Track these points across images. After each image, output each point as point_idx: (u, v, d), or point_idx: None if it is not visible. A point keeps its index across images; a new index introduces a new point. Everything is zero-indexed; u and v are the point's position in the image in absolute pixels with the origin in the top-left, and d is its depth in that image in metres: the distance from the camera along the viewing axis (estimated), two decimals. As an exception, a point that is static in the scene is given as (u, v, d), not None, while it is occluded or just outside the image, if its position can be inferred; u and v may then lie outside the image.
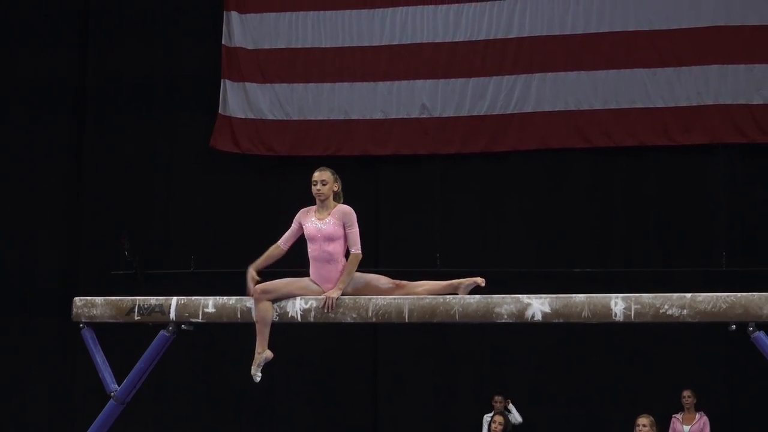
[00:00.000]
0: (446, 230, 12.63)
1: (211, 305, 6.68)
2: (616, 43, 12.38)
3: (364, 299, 6.50)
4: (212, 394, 12.91)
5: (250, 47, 13.04)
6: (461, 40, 12.70)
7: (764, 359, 6.16)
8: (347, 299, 6.50)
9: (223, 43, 13.04)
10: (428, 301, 6.44)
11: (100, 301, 6.91)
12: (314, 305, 6.52)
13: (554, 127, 12.42)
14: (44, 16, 13.52)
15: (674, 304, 6.11)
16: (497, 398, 11.49)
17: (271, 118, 12.96)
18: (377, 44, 12.86)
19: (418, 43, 12.79)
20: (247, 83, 12.99)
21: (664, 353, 11.97)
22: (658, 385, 11.78)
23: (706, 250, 12.14)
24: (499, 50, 12.59)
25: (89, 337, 6.95)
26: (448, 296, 6.48)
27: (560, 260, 12.30)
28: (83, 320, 6.93)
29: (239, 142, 12.94)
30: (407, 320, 6.43)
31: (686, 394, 11.06)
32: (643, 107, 12.27)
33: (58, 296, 12.76)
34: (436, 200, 12.76)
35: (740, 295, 6.09)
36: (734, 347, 11.34)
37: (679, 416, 11.06)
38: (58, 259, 13.35)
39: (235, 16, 13.07)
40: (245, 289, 6.60)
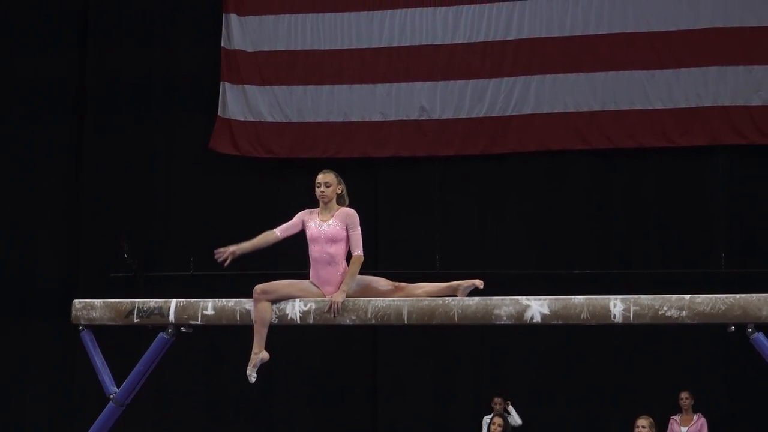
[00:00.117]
0: (445, 232, 12.62)
1: (210, 307, 6.69)
2: (614, 44, 12.37)
3: (363, 301, 6.50)
4: (211, 396, 12.90)
5: (249, 50, 13.04)
6: (460, 42, 12.69)
7: (763, 360, 6.16)
8: (346, 301, 6.49)
9: (222, 45, 13.03)
10: (427, 302, 6.44)
11: (99, 303, 6.91)
12: (313, 307, 6.52)
13: (553, 128, 12.41)
14: (44, 16, 13.52)
15: (673, 305, 6.11)
16: (497, 400, 11.48)
17: (270, 120, 12.95)
18: (376, 46, 12.85)
19: (417, 45, 12.78)
20: (246, 85, 12.98)
21: (663, 354, 11.96)
22: (657, 386, 11.77)
23: (705, 251, 12.14)
24: (498, 52, 12.59)
25: (88, 339, 6.95)
26: (447, 298, 6.48)
27: (559, 262, 12.30)
28: (82, 323, 6.93)
29: (238, 144, 12.94)
30: (406, 322, 6.43)
31: (684, 395, 11.07)
32: (642, 109, 12.27)
33: (57, 297, 12.73)
34: (435, 202, 12.75)
35: (739, 296, 6.09)
36: (733, 348, 11.34)
37: (677, 418, 11.07)
38: (57, 259, 13.33)
39: (234, 18, 13.06)
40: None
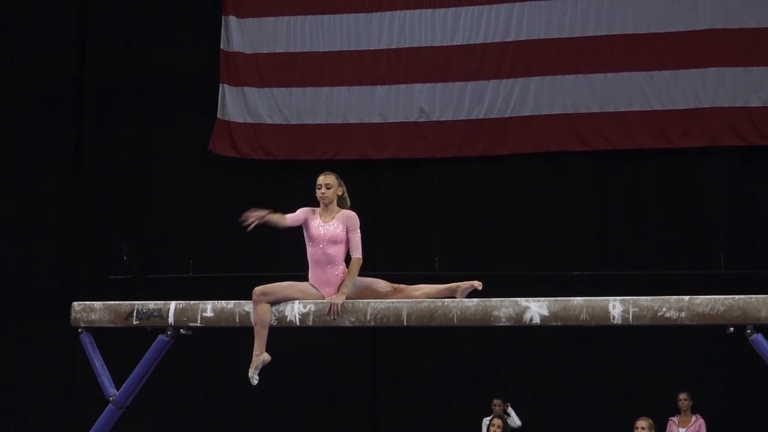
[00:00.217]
0: (444, 234, 12.63)
1: (209, 309, 6.68)
2: (613, 46, 12.37)
3: (362, 303, 6.50)
4: (211, 398, 12.90)
5: (248, 52, 13.04)
6: (459, 43, 12.70)
7: (762, 362, 6.16)
8: (346, 303, 6.49)
9: (221, 47, 13.03)
10: (426, 304, 6.44)
11: (98, 305, 6.90)
12: (313, 309, 6.52)
13: (552, 130, 12.41)
14: (43, 16, 13.52)
15: (672, 306, 6.11)
16: (496, 401, 11.48)
17: (269, 122, 12.95)
18: (375, 48, 12.85)
19: (416, 46, 12.78)
20: (245, 88, 12.98)
21: (662, 356, 11.96)
22: (656, 387, 11.77)
23: (704, 252, 12.14)
24: (497, 53, 12.59)
25: (88, 341, 6.94)
26: (446, 300, 6.49)
27: (558, 263, 12.30)
28: (82, 325, 6.92)
29: (238, 146, 12.93)
30: (405, 324, 6.44)
31: (682, 396, 11.08)
32: (641, 110, 12.27)
33: (57, 297, 12.73)
34: (434, 204, 12.76)
35: (738, 297, 6.09)
36: (732, 350, 11.33)
37: (675, 419, 11.08)
38: (57, 260, 13.33)
39: (233, 20, 13.06)
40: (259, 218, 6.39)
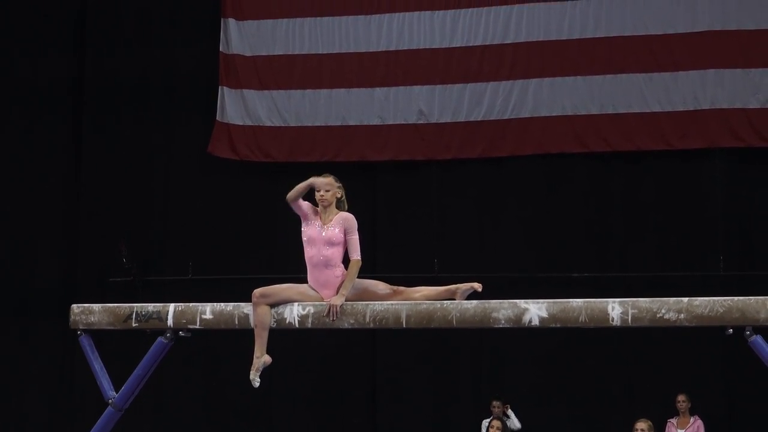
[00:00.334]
0: (444, 236, 12.63)
1: (208, 312, 6.68)
2: (612, 47, 12.39)
3: (361, 305, 6.50)
4: (210, 400, 12.89)
5: (247, 54, 13.04)
6: (458, 45, 12.70)
7: (761, 363, 6.17)
8: (345, 305, 6.49)
9: (220, 50, 13.03)
10: (426, 306, 6.44)
11: (97, 308, 6.90)
12: (312, 311, 6.52)
13: (551, 132, 12.42)
14: (43, 17, 13.53)
15: (671, 308, 6.12)
16: (495, 403, 11.47)
17: (268, 124, 12.95)
18: (374, 50, 12.86)
19: (415, 48, 12.78)
20: (244, 90, 12.99)
21: (661, 357, 11.97)
22: (656, 388, 11.78)
23: (703, 254, 12.15)
24: (496, 55, 12.60)
25: (87, 344, 6.93)
26: (445, 301, 6.49)
27: (558, 265, 12.30)
28: (81, 327, 6.91)
29: (237, 148, 12.93)
30: (405, 326, 6.44)
31: (681, 398, 11.08)
32: (640, 112, 12.29)
33: (57, 298, 12.72)
34: (433, 206, 12.76)
35: (737, 299, 6.10)
36: (731, 351, 11.34)
37: (673, 420, 11.07)
38: (57, 261, 13.31)
39: (232, 23, 13.07)
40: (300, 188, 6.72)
